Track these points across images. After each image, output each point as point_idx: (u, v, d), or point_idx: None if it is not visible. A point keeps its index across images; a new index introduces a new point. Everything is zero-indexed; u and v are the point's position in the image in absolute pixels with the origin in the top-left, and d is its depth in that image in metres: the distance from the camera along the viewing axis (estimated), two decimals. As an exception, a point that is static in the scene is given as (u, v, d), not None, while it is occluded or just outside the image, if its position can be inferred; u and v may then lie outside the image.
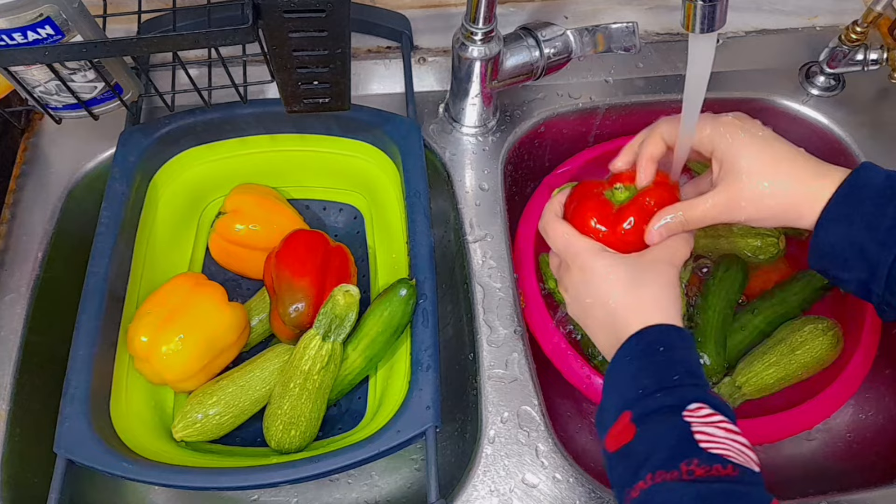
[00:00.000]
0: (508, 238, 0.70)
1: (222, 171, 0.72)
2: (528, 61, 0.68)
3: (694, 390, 0.44)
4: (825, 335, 0.66)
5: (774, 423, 0.61)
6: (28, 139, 0.74)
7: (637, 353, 0.48)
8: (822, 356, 0.66)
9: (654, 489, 0.41)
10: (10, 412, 0.60)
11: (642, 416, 0.44)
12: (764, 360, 0.66)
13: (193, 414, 0.60)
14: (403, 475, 0.70)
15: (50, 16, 0.51)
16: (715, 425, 0.42)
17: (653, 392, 0.44)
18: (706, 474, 0.39)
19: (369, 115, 0.68)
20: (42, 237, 0.68)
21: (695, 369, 0.46)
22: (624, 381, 0.47)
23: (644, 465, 0.42)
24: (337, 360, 0.59)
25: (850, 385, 0.63)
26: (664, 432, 0.42)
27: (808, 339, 0.66)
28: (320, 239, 0.65)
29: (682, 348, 0.47)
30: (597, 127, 0.81)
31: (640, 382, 0.46)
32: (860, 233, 0.47)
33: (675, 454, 0.41)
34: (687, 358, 0.47)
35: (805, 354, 0.66)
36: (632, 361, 0.47)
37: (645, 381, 0.45)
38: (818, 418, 0.62)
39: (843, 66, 0.76)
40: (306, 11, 0.47)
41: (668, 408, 0.43)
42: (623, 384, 0.47)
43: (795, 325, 0.69)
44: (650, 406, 0.44)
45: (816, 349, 0.66)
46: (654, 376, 0.45)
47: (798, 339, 0.67)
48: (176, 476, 0.52)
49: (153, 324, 0.59)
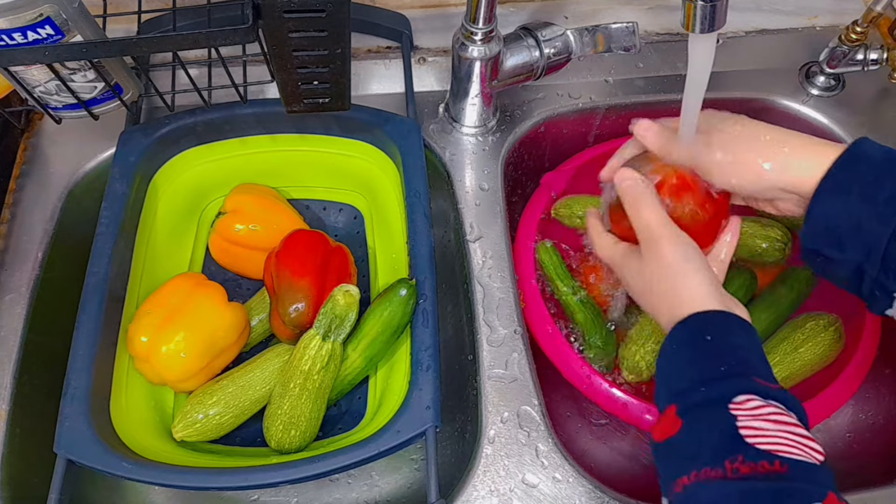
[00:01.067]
0: (508, 238, 0.70)
1: (222, 171, 0.72)
2: (528, 61, 0.68)
3: (741, 381, 0.42)
4: (826, 331, 0.66)
5: None
6: (28, 139, 0.74)
7: (685, 340, 0.46)
8: (825, 352, 0.66)
9: (696, 486, 0.40)
10: (10, 412, 0.60)
11: (687, 409, 0.43)
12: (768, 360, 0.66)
13: (194, 414, 0.60)
14: (403, 475, 0.70)
15: (50, 16, 0.51)
16: (764, 418, 0.40)
17: (698, 384, 0.43)
18: (752, 471, 0.38)
19: (369, 115, 0.68)
20: (42, 237, 0.68)
21: (746, 357, 0.44)
22: (671, 370, 0.46)
23: (689, 460, 0.41)
24: (337, 360, 0.59)
25: (851, 384, 0.63)
26: (709, 428, 0.41)
27: (811, 335, 0.66)
28: (320, 239, 0.65)
29: (731, 334, 0.45)
30: (597, 127, 0.81)
31: (686, 373, 0.44)
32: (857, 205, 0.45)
33: (720, 451, 0.39)
34: (737, 346, 0.45)
35: (808, 352, 0.66)
36: (679, 350, 0.46)
37: (691, 371, 0.44)
38: (818, 418, 0.62)
39: (843, 66, 0.76)
40: (306, 11, 0.47)
41: (714, 401, 0.42)
42: (671, 374, 0.46)
43: (796, 322, 0.68)
44: (694, 399, 0.43)
45: (819, 346, 0.66)
46: (700, 367, 0.44)
47: (800, 337, 0.67)
48: (176, 476, 0.52)
49: (153, 324, 0.59)
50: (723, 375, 0.43)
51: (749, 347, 0.45)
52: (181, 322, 0.59)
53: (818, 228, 0.48)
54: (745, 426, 0.40)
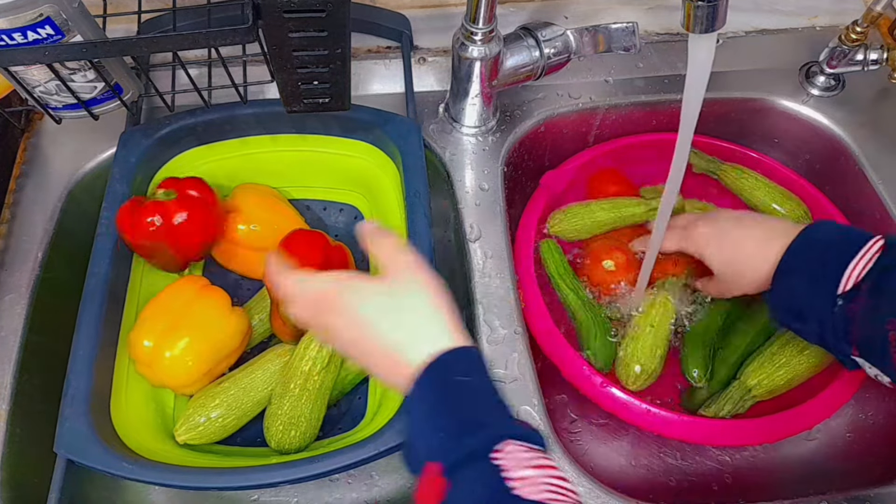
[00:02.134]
0: (508, 238, 0.70)
1: (223, 171, 0.72)
2: (528, 61, 0.68)
3: (499, 425, 0.39)
4: None
5: (776, 424, 0.61)
6: (28, 139, 0.74)
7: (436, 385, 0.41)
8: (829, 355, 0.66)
9: None
10: (9, 412, 0.60)
11: (452, 468, 0.38)
12: (774, 362, 0.66)
13: (196, 417, 0.60)
14: (403, 475, 0.70)
15: (50, 16, 0.51)
16: (526, 465, 0.37)
17: (456, 435, 0.39)
18: None
19: (369, 115, 0.68)
20: (42, 237, 0.68)
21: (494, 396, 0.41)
22: (423, 423, 0.41)
23: None
24: (337, 361, 0.59)
25: (851, 385, 0.63)
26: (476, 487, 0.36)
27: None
28: (320, 238, 0.65)
29: (477, 372, 0.42)
30: (597, 127, 0.81)
31: (440, 424, 0.39)
32: (805, 285, 0.54)
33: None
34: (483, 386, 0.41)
35: (813, 355, 0.66)
36: (424, 399, 0.41)
37: (445, 421, 0.39)
38: (819, 418, 0.62)
39: (843, 66, 0.76)
40: (306, 11, 0.47)
41: (476, 453, 0.37)
42: (423, 427, 0.40)
43: None
44: (458, 454, 0.38)
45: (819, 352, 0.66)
46: (454, 414, 0.40)
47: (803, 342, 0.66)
48: (176, 476, 0.52)
49: (157, 329, 0.59)
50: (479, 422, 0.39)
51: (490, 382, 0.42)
52: (185, 328, 0.59)
53: (778, 305, 0.57)
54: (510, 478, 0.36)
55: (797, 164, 0.81)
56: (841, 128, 0.77)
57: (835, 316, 0.52)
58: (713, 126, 0.81)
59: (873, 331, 0.50)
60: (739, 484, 0.71)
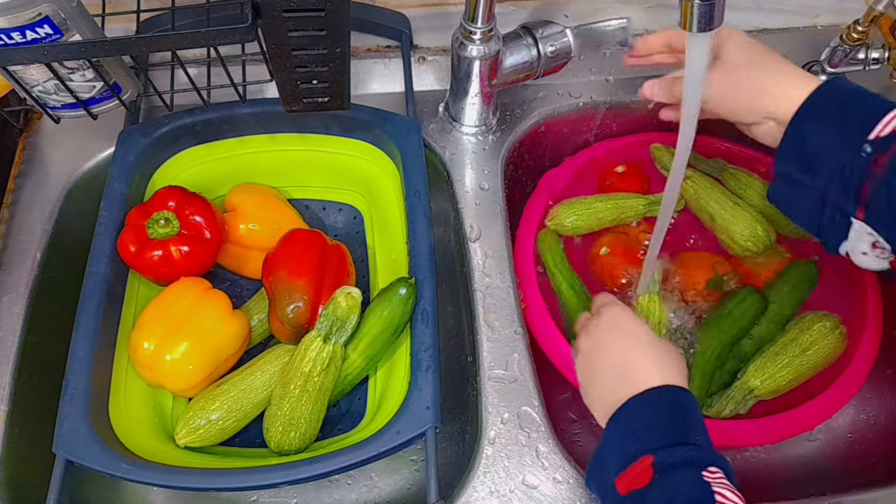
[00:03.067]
0: (508, 238, 0.70)
1: (222, 170, 0.72)
2: (528, 60, 0.67)
3: (711, 454, 0.45)
4: (833, 333, 0.67)
5: (778, 424, 0.61)
6: (27, 139, 0.74)
7: (658, 405, 0.49)
8: (830, 354, 0.67)
9: None
10: (9, 412, 0.60)
11: (664, 463, 0.44)
12: (777, 362, 0.66)
13: (196, 420, 0.59)
14: (403, 476, 0.70)
15: (48, 15, 0.51)
16: (732, 491, 0.42)
17: (677, 443, 0.45)
18: None
19: (369, 115, 0.68)
20: (41, 237, 0.68)
21: (707, 436, 0.47)
22: (642, 426, 0.48)
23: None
24: (338, 362, 0.59)
25: (853, 384, 0.63)
26: (685, 487, 0.42)
27: (818, 338, 0.67)
28: (317, 238, 0.65)
29: (696, 412, 0.49)
30: (597, 126, 0.81)
31: (664, 431, 0.46)
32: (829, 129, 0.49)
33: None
34: (702, 423, 0.48)
35: (815, 354, 0.66)
36: (650, 410, 0.48)
37: (669, 430, 0.46)
38: (821, 418, 0.62)
39: (844, 66, 0.76)
40: (306, 10, 0.47)
41: (692, 463, 0.44)
42: (641, 429, 0.47)
43: (803, 324, 0.69)
44: (676, 456, 0.44)
45: (826, 348, 0.66)
46: (679, 429, 0.46)
47: (808, 339, 0.67)
48: (175, 476, 0.52)
49: (158, 332, 0.59)
50: (698, 443, 0.46)
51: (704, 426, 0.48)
52: (186, 332, 0.59)
53: (792, 149, 0.51)
54: (718, 492, 0.42)
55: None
56: (842, 127, 0.77)
57: (852, 166, 0.47)
58: (714, 125, 0.80)
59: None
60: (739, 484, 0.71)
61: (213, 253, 0.64)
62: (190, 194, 0.64)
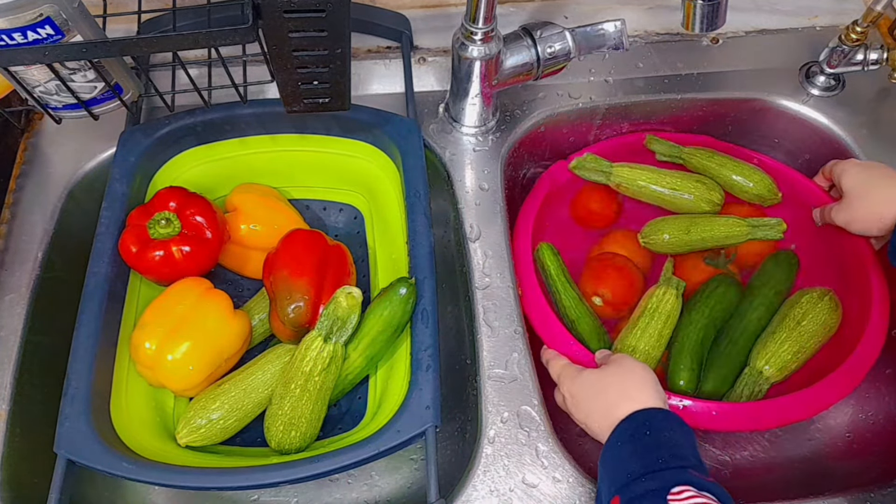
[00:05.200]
0: (508, 238, 0.70)
1: (223, 171, 0.72)
2: (528, 61, 0.68)
3: (679, 473, 0.46)
4: (822, 301, 0.68)
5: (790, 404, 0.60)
6: (28, 139, 0.74)
7: (626, 437, 0.51)
8: (827, 321, 0.67)
9: None
10: (9, 412, 0.60)
11: (630, 501, 0.46)
12: (776, 339, 0.67)
13: (197, 419, 0.60)
14: (403, 475, 0.70)
15: (50, 16, 0.51)
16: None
17: (639, 476, 0.47)
18: None
19: (369, 115, 0.68)
20: (42, 237, 0.68)
21: (680, 451, 0.48)
22: (614, 465, 0.50)
23: None
24: (338, 361, 0.59)
25: (864, 363, 0.62)
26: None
27: (809, 308, 0.68)
28: (318, 238, 0.65)
29: (668, 430, 0.50)
30: (597, 127, 0.81)
31: (628, 467, 0.48)
32: None
33: None
34: (672, 440, 0.49)
35: (811, 323, 0.67)
36: (622, 445, 0.50)
37: (632, 465, 0.48)
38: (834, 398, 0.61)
39: (843, 66, 0.76)
40: (306, 11, 0.47)
41: (653, 492, 0.45)
42: (613, 468, 0.50)
43: (792, 301, 0.71)
44: (636, 491, 0.46)
45: (819, 316, 0.67)
46: (641, 460, 0.48)
47: (799, 312, 0.68)
48: (176, 476, 0.52)
49: (159, 332, 0.59)
50: (661, 467, 0.47)
51: (683, 442, 0.49)
52: (188, 332, 0.59)
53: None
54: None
55: (797, 164, 0.81)
56: (841, 128, 0.77)
57: None
58: (713, 126, 0.81)
59: None
60: (739, 484, 0.71)
61: (214, 253, 0.65)
62: (191, 194, 0.64)
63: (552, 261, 0.73)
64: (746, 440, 0.75)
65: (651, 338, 0.67)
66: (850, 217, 0.65)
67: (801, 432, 0.75)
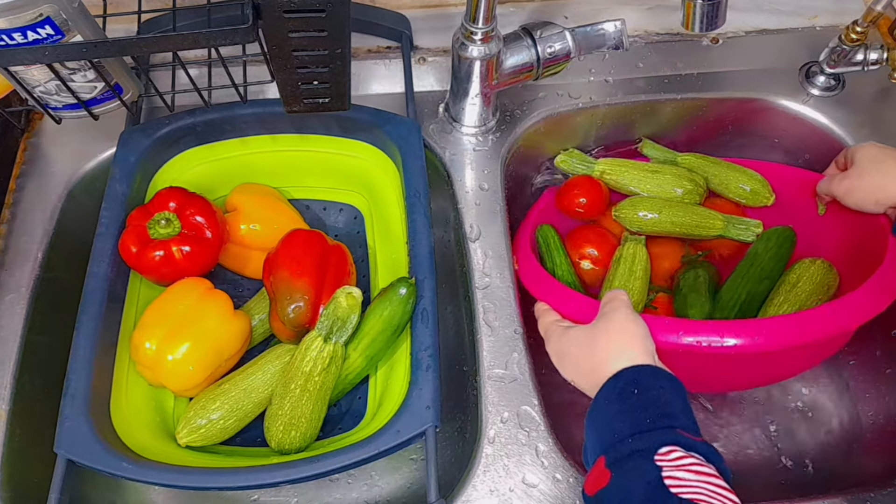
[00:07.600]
0: (508, 238, 0.70)
1: (223, 171, 0.72)
2: (528, 61, 0.68)
3: (667, 433, 0.45)
4: (814, 264, 0.69)
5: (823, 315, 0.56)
6: (28, 139, 0.74)
7: (613, 396, 0.49)
8: (822, 279, 0.68)
9: None
10: (10, 412, 0.60)
11: (616, 461, 0.45)
12: (774, 304, 0.68)
13: (197, 419, 0.60)
14: (403, 475, 0.70)
15: (50, 16, 0.51)
16: (686, 468, 0.42)
17: (626, 437, 0.46)
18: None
19: (369, 115, 0.68)
20: (42, 237, 0.68)
21: (669, 409, 0.47)
22: (601, 424, 0.49)
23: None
24: (338, 361, 0.59)
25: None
26: (636, 478, 0.43)
27: (802, 272, 0.69)
28: (318, 238, 0.65)
29: (657, 388, 0.48)
30: (597, 127, 0.81)
31: (615, 426, 0.47)
32: None
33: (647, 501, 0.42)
34: (661, 398, 0.48)
35: (806, 283, 0.68)
36: (609, 404, 0.49)
37: (619, 424, 0.47)
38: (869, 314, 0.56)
39: (843, 66, 0.76)
40: (306, 11, 0.47)
41: (640, 452, 0.44)
42: (600, 427, 0.48)
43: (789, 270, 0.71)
44: (623, 451, 0.45)
45: (814, 276, 0.68)
46: (628, 420, 0.47)
47: (794, 277, 0.69)
48: (176, 476, 0.52)
49: (159, 332, 0.59)
50: (648, 427, 0.46)
51: (673, 401, 0.48)
52: (188, 332, 0.59)
53: None
54: (669, 476, 0.42)
55: (797, 164, 0.81)
56: (841, 128, 0.77)
57: None
58: (713, 126, 0.81)
59: None
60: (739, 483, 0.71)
61: (214, 253, 0.65)
62: (191, 195, 0.64)
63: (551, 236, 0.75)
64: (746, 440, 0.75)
65: (623, 275, 0.70)
66: (852, 186, 0.64)
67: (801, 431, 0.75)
